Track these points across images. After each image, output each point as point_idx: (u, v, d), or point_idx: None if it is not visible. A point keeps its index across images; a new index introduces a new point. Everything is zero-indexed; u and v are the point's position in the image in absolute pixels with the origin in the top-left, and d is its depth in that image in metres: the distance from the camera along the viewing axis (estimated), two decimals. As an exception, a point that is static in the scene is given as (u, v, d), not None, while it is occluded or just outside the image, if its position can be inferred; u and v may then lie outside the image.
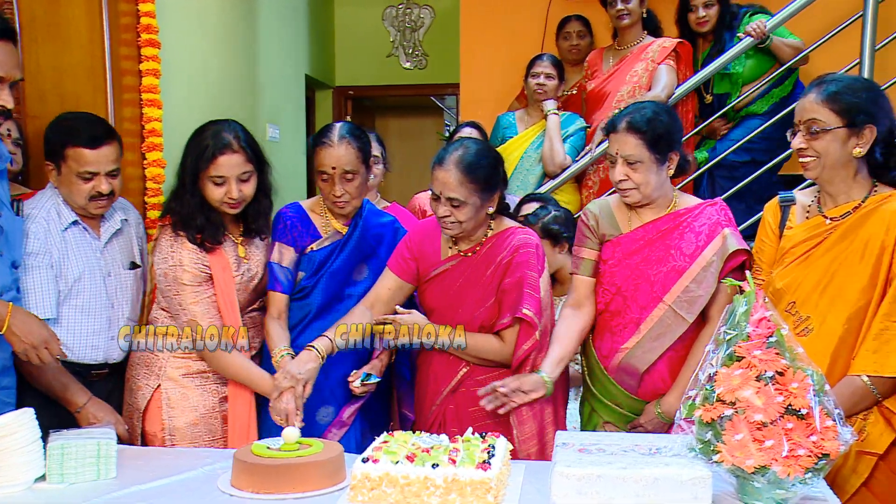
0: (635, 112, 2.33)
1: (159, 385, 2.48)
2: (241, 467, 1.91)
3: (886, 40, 3.71)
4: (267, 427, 2.53)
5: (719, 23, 3.99)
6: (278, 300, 2.55)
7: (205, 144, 2.41)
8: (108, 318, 2.50)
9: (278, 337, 2.49)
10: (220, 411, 2.52)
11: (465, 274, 2.46)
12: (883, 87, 2.43)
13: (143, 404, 2.49)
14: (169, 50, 3.53)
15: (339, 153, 2.49)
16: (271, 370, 2.44)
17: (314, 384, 2.50)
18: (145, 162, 3.39)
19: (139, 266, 2.62)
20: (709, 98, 4.10)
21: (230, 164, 2.41)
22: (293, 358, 2.39)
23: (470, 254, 2.47)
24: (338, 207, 2.56)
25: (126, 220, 2.60)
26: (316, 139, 2.56)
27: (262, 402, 2.49)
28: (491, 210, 2.43)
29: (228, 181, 2.42)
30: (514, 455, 2.07)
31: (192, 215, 2.44)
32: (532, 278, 2.37)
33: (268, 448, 1.95)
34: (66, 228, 2.43)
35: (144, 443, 2.49)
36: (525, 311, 2.34)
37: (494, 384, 2.33)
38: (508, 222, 2.51)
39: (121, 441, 2.37)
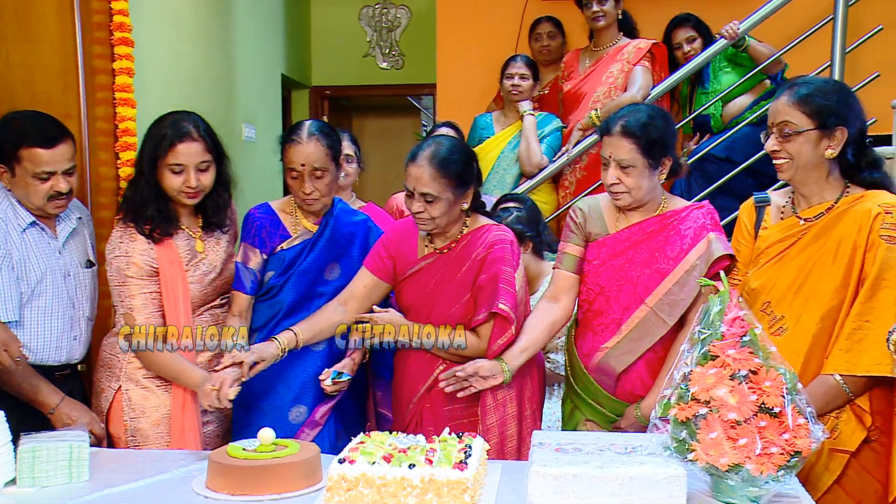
0: (630, 115, 2.32)
1: (120, 387, 2.44)
2: (216, 469, 1.89)
3: (857, 43, 3.76)
4: (241, 427, 2.52)
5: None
6: (241, 300, 2.55)
7: (163, 133, 2.39)
8: (70, 318, 2.47)
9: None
10: None
11: (441, 271, 2.46)
12: (854, 89, 2.47)
13: (106, 406, 2.45)
14: (143, 49, 3.50)
15: (308, 150, 2.48)
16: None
17: (286, 383, 2.50)
18: (119, 162, 3.36)
19: (94, 264, 2.59)
20: (687, 117, 4.12)
21: (189, 152, 2.39)
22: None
23: (445, 251, 2.47)
24: (307, 205, 2.55)
25: (80, 217, 2.57)
26: (285, 137, 2.55)
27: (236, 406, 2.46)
28: (465, 206, 2.43)
29: (187, 170, 2.39)
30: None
31: (145, 204, 2.41)
32: (507, 273, 2.37)
33: (243, 449, 1.94)
34: (24, 230, 2.39)
35: (111, 445, 2.45)
36: (501, 305, 2.34)
37: (454, 369, 2.34)
38: (483, 220, 2.51)
39: (98, 441, 2.35)
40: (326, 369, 2.54)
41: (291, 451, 1.93)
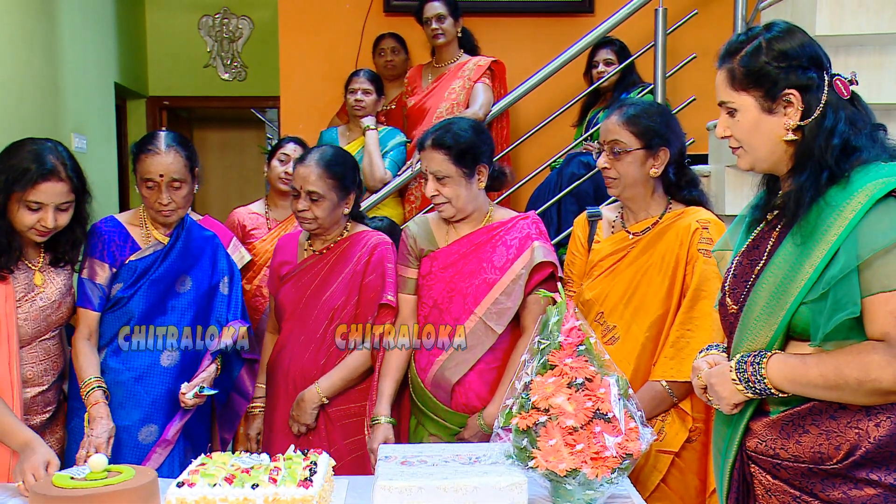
0: (441, 129, 2.44)
1: None
2: (39, 501, 1.77)
3: (675, 68, 4.04)
4: (72, 455, 2.37)
5: (619, 83, 4.09)
6: (90, 318, 2.45)
7: (25, 166, 2.20)
8: None
9: (87, 363, 2.39)
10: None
11: (322, 273, 2.58)
12: (674, 111, 2.65)
13: None
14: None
15: (167, 161, 2.44)
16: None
17: (136, 401, 2.44)
18: (-73, 172, 3.07)
19: None
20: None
21: (53, 192, 2.22)
22: (104, 392, 2.34)
23: (325, 251, 2.61)
24: (163, 216, 2.49)
25: None
26: (140, 146, 2.49)
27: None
28: (346, 211, 2.61)
29: (45, 209, 2.23)
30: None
31: None
32: (391, 269, 2.54)
33: (71, 478, 1.82)
34: None
35: None
36: (389, 297, 2.51)
37: None
38: (362, 227, 2.68)
39: None
40: (186, 383, 2.46)
41: (125, 478, 1.83)
